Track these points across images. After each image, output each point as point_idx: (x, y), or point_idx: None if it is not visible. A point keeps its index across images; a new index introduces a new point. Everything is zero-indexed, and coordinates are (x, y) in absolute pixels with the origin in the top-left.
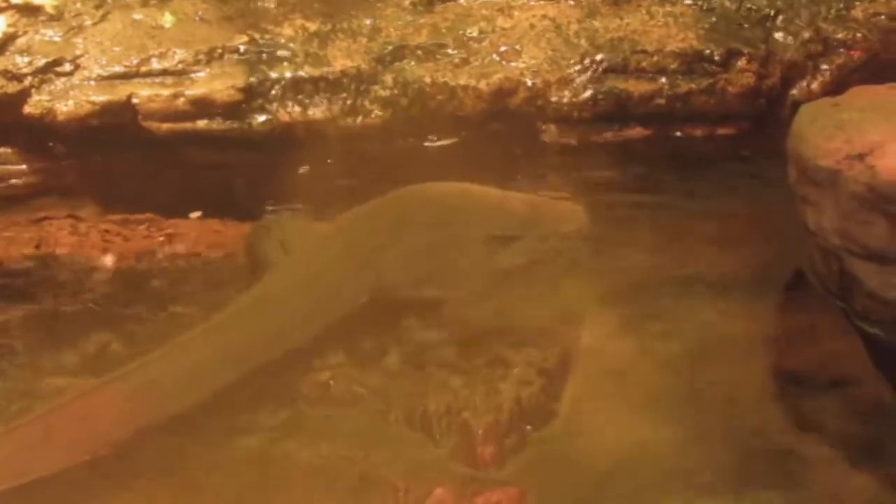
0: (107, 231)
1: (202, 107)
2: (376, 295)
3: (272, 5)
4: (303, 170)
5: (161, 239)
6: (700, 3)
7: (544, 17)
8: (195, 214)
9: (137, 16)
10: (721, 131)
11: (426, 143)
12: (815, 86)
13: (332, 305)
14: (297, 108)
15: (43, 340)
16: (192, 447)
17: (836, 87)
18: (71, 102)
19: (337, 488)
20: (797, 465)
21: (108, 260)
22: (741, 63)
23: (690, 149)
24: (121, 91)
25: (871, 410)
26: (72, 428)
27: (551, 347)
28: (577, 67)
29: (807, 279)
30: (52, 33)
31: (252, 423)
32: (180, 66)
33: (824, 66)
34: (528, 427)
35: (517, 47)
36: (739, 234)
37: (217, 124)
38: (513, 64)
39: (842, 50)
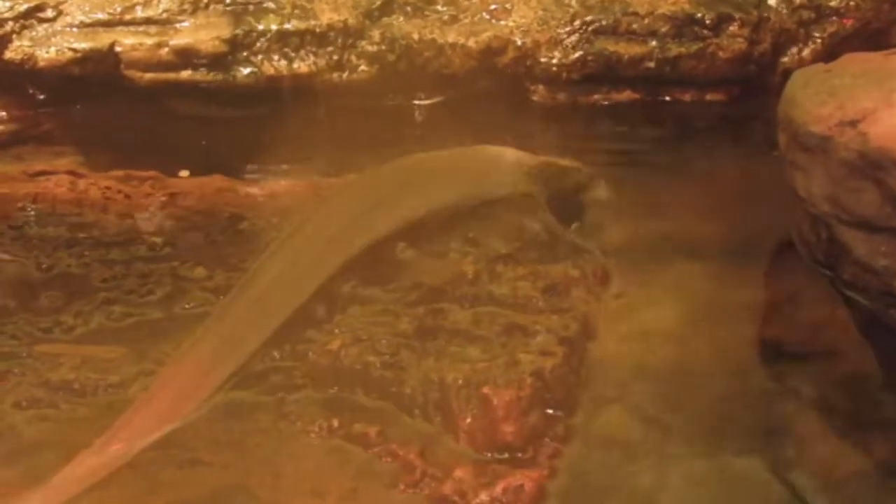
0: (107, 188)
1: (186, 57)
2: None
3: None
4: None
5: (163, 198)
6: None
7: None
8: (184, 173)
9: None
10: (710, 97)
11: (413, 101)
12: (806, 53)
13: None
14: (283, 62)
15: (37, 300)
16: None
17: (828, 54)
18: (52, 49)
19: (349, 467)
20: (777, 433)
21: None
22: (732, 28)
23: (679, 113)
24: (103, 39)
25: (854, 380)
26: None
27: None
28: (567, 28)
29: (793, 247)
30: None
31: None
32: (165, 14)
33: (816, 34)
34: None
35: (507, 6)
36: (727, 199)
37: (201, 75)
38: (502, 22)
39: (834, 18)
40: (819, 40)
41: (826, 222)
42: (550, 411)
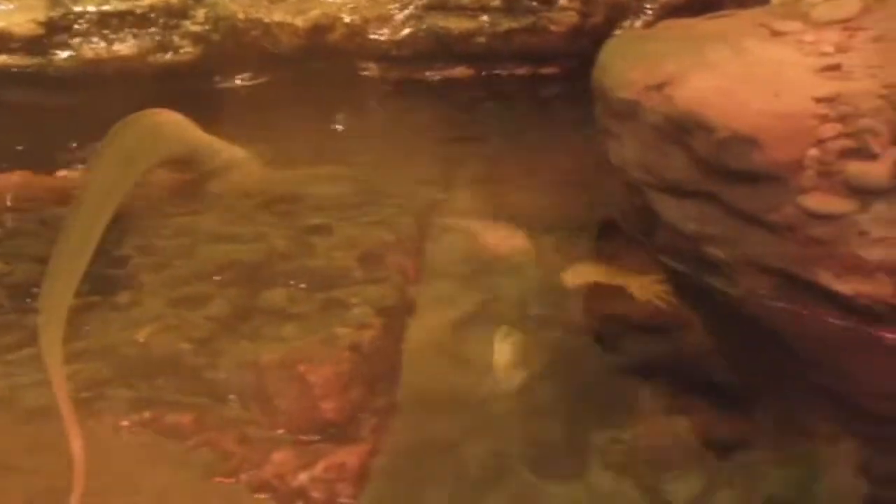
0: None
1: (0, 41)
2: None
3: None
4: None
5: None
6: None
7: None
8: None
9: None
10: (545, 71)
11: (239, 82)
12: (639, 24)
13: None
14: (103, 44)
15: None
16: None
17: None
18: None
19: (163, 461)
20: (627, 409)
21: None
22: (563, 1)
23: (514, 88)
24: None
25: (692, 348)
26: None
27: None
28: (397, 4)
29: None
30: None
31: None
32: None
33: (648, 6)
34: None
35: None
36: (562, 174)
37: (17, 60)
38: (330, 0)
39: None
40: (651, 11)
41: (639, 189)
42: (370, 385)
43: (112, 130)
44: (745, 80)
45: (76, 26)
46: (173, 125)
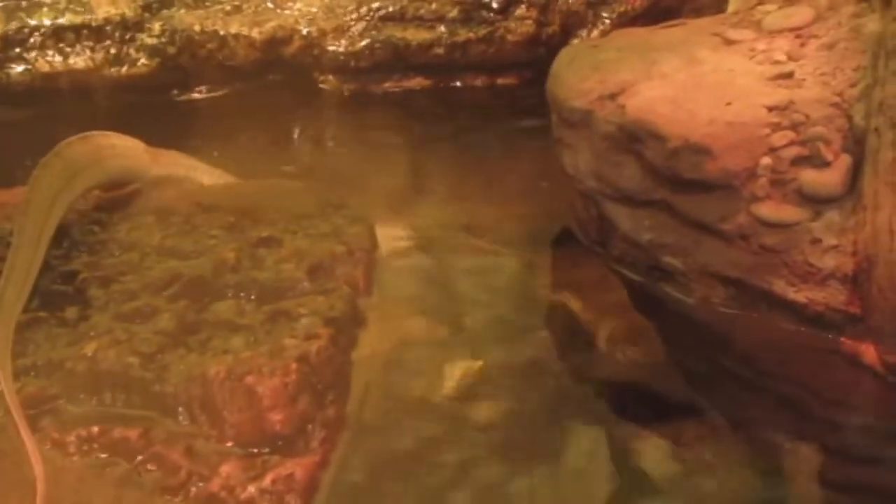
0: None
1: None
2: None
3: None
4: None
5: None
6: None
7: None
8: None
9: None
10: (502, 81)
11: (196, 95)
12: (595, 34)
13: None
14: (58, 58)
15: None
16: None
17: None
18: None
19: (110, 477)
20: (583, 420)
21: None
22: (520, 11)
23: (472, 99)
24: None
25: (653, 363)
26: None
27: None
28: (354, 15)
29: None
30: None
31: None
32: None
33: (605, 14)
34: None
35: None
36: (523, 185)
37: None
38: (287, 12)
39: None
40: (608, 20)
41: (594, 199)
42: (319, 396)
43: (53, 150)
44: (697, 89)
45: (31, 40)
46: (111, 148)
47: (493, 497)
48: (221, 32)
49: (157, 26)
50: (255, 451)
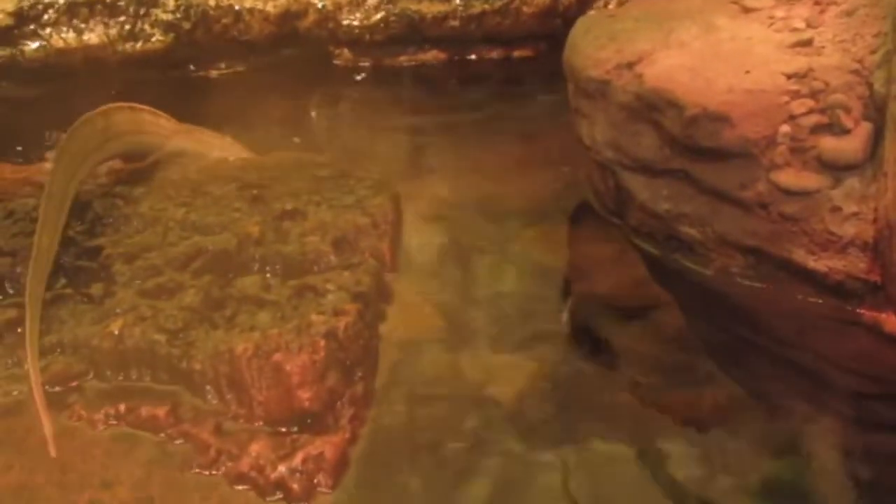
0: None
1: None
2: None
3: None
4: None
5: None
6: None
7: None
8: None
9: None
10: (518, 53)
11: (213, 71)
12: (612, 5)
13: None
14: (72, 34)
15: None
16: None
17: None
18: None
19: (139, 454)
20: (607, 390)
21: None
22: None
23: (488, 71)
24: None
25: (672, 335)
26: None
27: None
28: None
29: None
30: None
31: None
32: None
33: None
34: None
35: None
36: (540, 157)
37: None
38: None
39: None
40: None
41: (611, 169)
42: (348, 372)
43: (73, 125)
44: (715, 57)
45: (46, 16)
46: (128, 122)
47: (523, 471)
48: (236, 7)
49: (171, 1)
50: (284, 429)
